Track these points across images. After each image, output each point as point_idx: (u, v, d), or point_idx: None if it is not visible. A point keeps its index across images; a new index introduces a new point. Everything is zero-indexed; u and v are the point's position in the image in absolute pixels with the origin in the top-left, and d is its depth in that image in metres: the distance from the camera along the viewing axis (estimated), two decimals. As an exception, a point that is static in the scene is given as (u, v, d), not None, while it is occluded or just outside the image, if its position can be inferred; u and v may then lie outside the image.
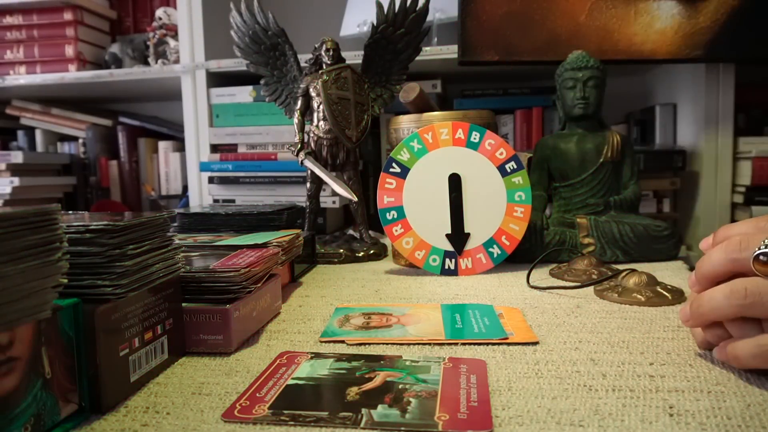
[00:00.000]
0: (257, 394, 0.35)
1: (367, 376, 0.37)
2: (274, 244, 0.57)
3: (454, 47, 0.95)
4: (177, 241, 0.42)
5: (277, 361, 0.41)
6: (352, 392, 0.35)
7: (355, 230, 0.89)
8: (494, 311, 0.52)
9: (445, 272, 0.71)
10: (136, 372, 0.36)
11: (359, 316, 0.52)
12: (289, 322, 0.51)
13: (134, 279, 0.35)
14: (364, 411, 0.32)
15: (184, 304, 0.42)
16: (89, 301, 0.33)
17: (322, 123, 0.82)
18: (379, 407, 0.33)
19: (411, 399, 0.33)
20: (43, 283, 0.29)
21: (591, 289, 0.61)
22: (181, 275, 0.42)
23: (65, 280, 0.30)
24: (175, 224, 0.73)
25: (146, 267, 0.37)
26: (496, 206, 0.70)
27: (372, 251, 0.83)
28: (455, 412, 0.32)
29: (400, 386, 0.35)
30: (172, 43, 1.19)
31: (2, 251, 0.27)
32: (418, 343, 0.44)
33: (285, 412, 0.32)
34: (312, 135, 0.83)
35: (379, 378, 0.37)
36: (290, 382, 0.37)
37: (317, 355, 0.42)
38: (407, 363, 0.40)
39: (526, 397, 0.34)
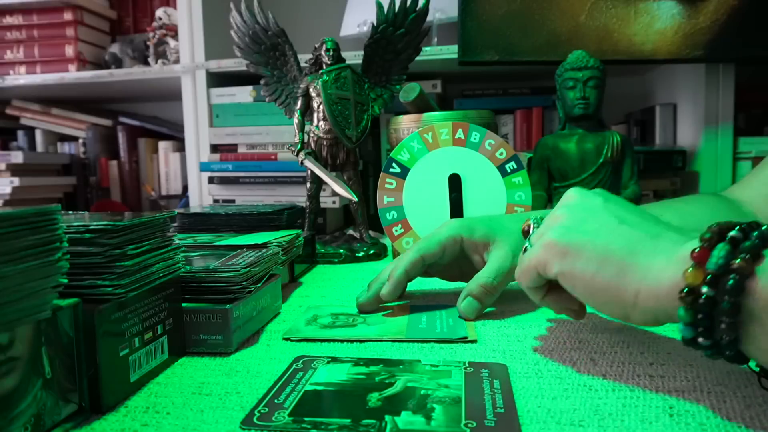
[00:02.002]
0: (275, 401, 0.34)
1: (387, 381, 0.37)
2: (274, 244, 0.57)
3: (454, 47, 0.95)
4: (177, 241, 0.42)
5: (294, 366, 0.40)
6: (374, 398, 0.34)
7: (355, 230, 0.89)
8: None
9: (445, 272, 0.70)
10: (136, 372, 0.36)
11: (327, 315, 0.52)
12: (289, 322, 0.51)
13: (134, 279, 0.35)
14: (387, 418, 0.31)
15: (184, 304, 0.42)
16: (89, 301, 0.33)
17: (322, 123, 0.82)
18: (403, 414, 0.32)
19: (435, 405, 0.33)
20: (43, 283, 0.29)
21: (591, 289, 0.60)
22: (181, 275, 0.42)
23: (65, 280, 0.30)
24: (175, 224, 0.73)
25: (146, 267, 0.37)
26: (496, 206, 0.70)
27: (372, 251, 0.83)
28: (482, 419, 0.31)
29: (422, 392, 0.35)
30: (172, 43, 1.19)
31: (2, 251, 0.27)
32: (379, 341, 0.45)
33: (306, 419, 0.31)
34: (312, 135, 0.83)
35: (399, 383, 0.36)
36: (308, 387, 0.36)
37: (334, 360, 0.41)
38: (427, 367, 0.39)
39: (526, 397, 0.34)
